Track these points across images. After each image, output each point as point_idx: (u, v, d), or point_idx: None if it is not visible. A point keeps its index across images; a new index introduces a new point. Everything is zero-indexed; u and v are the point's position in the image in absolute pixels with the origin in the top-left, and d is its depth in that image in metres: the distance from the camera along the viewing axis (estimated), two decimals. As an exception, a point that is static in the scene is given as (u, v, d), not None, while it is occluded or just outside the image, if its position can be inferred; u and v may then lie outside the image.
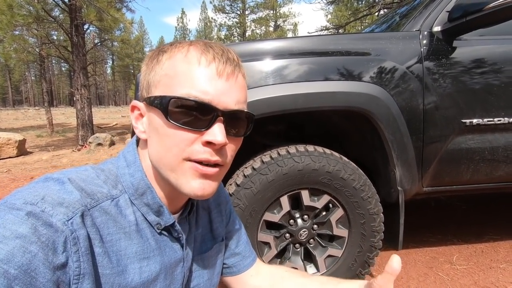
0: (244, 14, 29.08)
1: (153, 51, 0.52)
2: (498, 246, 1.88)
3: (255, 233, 1.28)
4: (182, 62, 0.47)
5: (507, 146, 1.38)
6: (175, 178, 0.48)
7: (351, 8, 12.16)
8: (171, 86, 0.46)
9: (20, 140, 6.18)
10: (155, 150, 0.49)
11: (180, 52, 0.48)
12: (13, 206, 0.39)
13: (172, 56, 0.48)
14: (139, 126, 0.52)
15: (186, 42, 0.50)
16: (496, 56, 1.33)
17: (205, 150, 0.46)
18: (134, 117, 0.52)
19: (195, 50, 0.48)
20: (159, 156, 0.48)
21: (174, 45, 0.50)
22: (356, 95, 1.25)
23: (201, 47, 0.48)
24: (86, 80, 7.47)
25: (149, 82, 0.49)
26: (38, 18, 7.42)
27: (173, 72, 0.47)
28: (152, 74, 0.49)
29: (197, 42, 0.50)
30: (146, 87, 0.50)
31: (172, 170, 0.48)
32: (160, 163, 0.49)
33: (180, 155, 0.47)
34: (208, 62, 0.46)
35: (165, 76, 0.47)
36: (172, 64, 0.47)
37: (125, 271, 0.48)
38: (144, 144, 0.53)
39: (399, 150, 1.32)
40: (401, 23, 1.61)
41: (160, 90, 0.47)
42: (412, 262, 1.75)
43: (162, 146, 0.47)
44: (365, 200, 1.31)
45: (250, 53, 1.27)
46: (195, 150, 0.46)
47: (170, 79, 0.47)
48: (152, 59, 0.50)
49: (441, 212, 2.52)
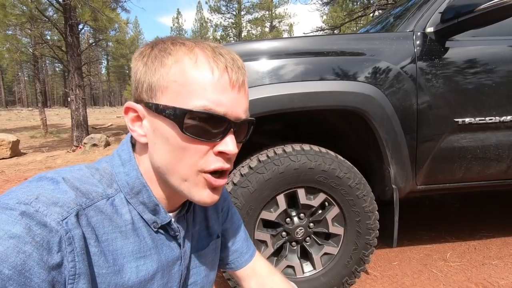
0: (240, 15, 29.07)
1: (150, 47, 0.49)
2: (490, 243, 1.92)
3: (252, 232, 1.28)
4: (192, 69, 0.45)
5: (498, 144, 1.41)
6: (187, 187, 0.48)
7: (346, 9, 12.24)
8: (183, 95, 0.45)
9: (14, 141, 6.10)
10: (163, 158, 0.48)
11: (188, 57, 0.46)
12: (7, 206, 0.39)
13: (179, 60, 0.46)
14: (137, 129, 0.49)
15: (190, 42, 0.48)
16: (487, 56, 1.36)
17: (217, 159, 0.48)
18: (130, 119, 0.50)
19: (204, 56, 0.46)
20: (169, 165, 0.48)
21: (177, 45, 0.47)
22: (351, 94, 1.26)
23: (210, 53, 0.46)
24: (81, 81, 7.40)
25: (152, 85, 0.46)
26: (31, 17, 7.34)
27: (184, 80, 0.45)
28: (156, 76, 0.46)
29: (203, 45, 0.48)
30: (147, 90, 0.47)
31: (185, 180, 0.48)
32: (171, 171, 0.48)
33: (194, 167, 0.47)
34: (221, 72, 0.46)
35: (175, 83, 0.45)
36: (181, 70, 0.45)
37: (122, 270, 0.47)
38: (142, 147, 0.51)
39: (394, 149, 1.34)
40: (395, 24, 1.64)
41: (170, 98, 0.45)
42: (407, 259, 1.77)
43: (173, 157, 0.47)
44: (360, 198, 1.33)
45: (247, 53, 1.28)
46: (209, 161, 0.47)
47: (182, 88, 0.45)
48: (152, 59, 0.47)
49: (434, 210, 2.55)
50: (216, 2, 28.81)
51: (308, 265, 1.40)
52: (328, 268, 1.38)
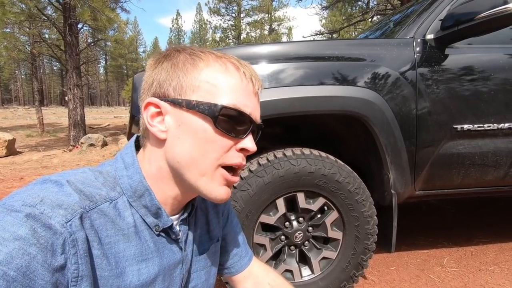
0: (239, 17, 29.20)
1: (177, 51, 0.52)
2: (487, 249, 1.93)
3: (251, 235, 1.28)
4: (224, 74, 0.50)
5: (496, 151, 1.42)
6: (205, 182, 0.50)
7: (345, 14, 12.35)
8: (215, 94, 0.49)
9: (10, 139, 6.06)
10: (186, 152, 0.49)
11: (218, 63, 0.51)
12: (12, 208, 0.39)
13: (211, 65, 0.50)
14: (156, 124, 0.50)
15: (216, 52, 0.53)
16: (486, 64, 1.38)
17: (238, 155, 0.52)
18: (150, 115, 0.50)
19: (232, 64, 0.52)
20: (192, 159, 0.49)
21: (205, 52, 0.52)
22: (351, 99, 1.27)
23: (237, 63, 0.52)
24: (79, 80, 7.38)
25: (183, 84, 0.49)
26: (30, 16, 7.32)
27: (216, 82, 0.49)
28: (188, 76, 0.49)
29: (227, 55, 0.53)
30: (176, 88, 0.49)
31: (203, 174, 0.50)
32: (192, 165, 0.49)
33: (216, 161, 0.50)
34: (248, 80, 0.52)
35: (207, 83, 0.49)
36: (213, 73, 0.50)
37: (124, 273, 0.48)
38: (155, 144, 0.51)
39: (393, 154, 1.34)
40: (395, 30, 1.65)
41: (201, 95, 0.49)
42: (404, 264, 1.77)
43: (198, 150, 0.49)
44: (359, 203, 1.33)
45: (248, 57, 1.28)
46: (231, 155, 0.51)
47: (213, 88, 0.49)
48: (184, 61, 0.50)
49: (432, 215, 2.56)
50: (216, 4, 28.94)
51: (306, 269, 1.40)
52: (326, 273, 1.38)
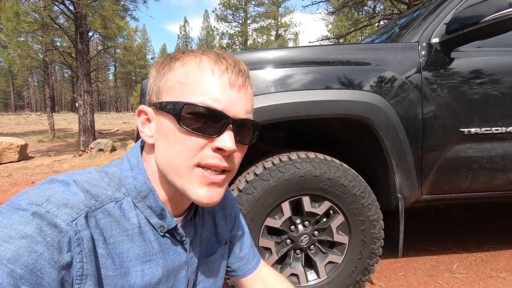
0: (246, 23, 29.45)
1: (164, 57, 0.53)
2: (498, 255, 1.88)
3: (257, 239, 1.29)
4: (195, 70, 0.48)
5: (505, 155, 1.40)
6: (181, 184, 0.48)
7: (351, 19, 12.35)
8: (184, 93, 0.47)
9: (22, 145, 6.20)
10: (163, 155, 0.49)
11: (193, 61, 0.49)
12: (19, 206, 0.40)
13: (185, 63, 0.49)
14: (145, 130, 0.52)
15: (198, 51, 0.51)
16: (492, 67, 1.37)
17: (214, 155, 0.48)
18: (141, 122, 0.52)
19: (208, 59, 0.49)
20: (167, 161, 0.49)
21: (186, 53, 0.51)
22: (356, 103, 1.28)
23: (214, 57, 0.49)
24: (89, 86, 7.54)
25: (160, 88, 0.50)
26: (43, 25, 7.55)
27: (186, 80, 0.48)
28: (163, 80, 0.50)
29: (210, 52, 0.51)
30: (156, 93, 0.50)
31: (179, 176, 0.48)
32: (168, 168, 0.49)
33: (189, 161, 0.47)
34: (221, 73, 0.48)
35: (178, 83, 0.48)
36: (185, 71, 0.48)
37: (128, 273, 0.48)
38: (150, 149, 0.53)
39: (399, 158, 1.34)
40: (400, 34, 1.65)
41: (173, 96, 0.48)
42: (412, 270, 1.75)
43: (171, 151, 0.48)
44: (365, 207, 1.32)
45: (254, 62, 1.30)
46: (205, 155, 0.47)
47: (183, 86, 0.48)
48: (163, 65, 0.51)
49: (441, 220, 2.52)
50: (223, 11, 29.27)
51: (312, 274, 1.39)
52: (332, 277, 1.37)
